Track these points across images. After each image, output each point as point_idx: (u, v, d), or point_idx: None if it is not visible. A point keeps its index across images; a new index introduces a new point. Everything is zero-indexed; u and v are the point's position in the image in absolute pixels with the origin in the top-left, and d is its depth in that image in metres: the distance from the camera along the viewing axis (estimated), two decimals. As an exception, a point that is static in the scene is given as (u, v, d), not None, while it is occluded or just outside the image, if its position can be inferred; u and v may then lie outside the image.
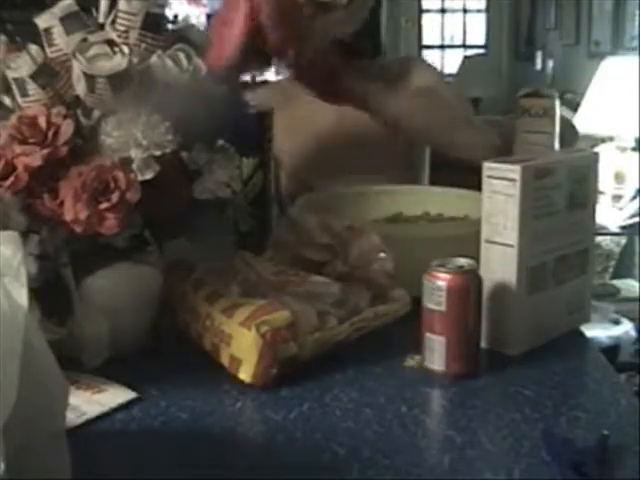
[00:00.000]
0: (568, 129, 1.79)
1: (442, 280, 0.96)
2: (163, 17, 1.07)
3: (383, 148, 1.69)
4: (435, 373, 0.97)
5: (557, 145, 1.48)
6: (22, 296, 0.67)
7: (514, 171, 0.99)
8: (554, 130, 1.46)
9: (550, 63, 5.34)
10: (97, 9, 1.06)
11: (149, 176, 0.98)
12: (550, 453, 0.79)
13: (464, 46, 7.02)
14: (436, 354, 0.97)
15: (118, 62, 0.98)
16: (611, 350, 2.68)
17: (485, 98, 5.11)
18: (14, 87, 1.02)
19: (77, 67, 0.98)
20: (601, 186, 2.86)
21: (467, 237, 1.06)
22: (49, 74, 1.02)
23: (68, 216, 0.94)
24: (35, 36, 1.03)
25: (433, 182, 1.79)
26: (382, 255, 1.08)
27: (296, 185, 1.70)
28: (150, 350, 1.03)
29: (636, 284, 3.20)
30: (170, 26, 1.09)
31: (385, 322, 1.03)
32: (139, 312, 1.03)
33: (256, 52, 1.37)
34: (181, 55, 1.04)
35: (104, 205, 0.94)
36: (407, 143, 1.72)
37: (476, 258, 1.01)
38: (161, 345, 1.05)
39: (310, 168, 1.71)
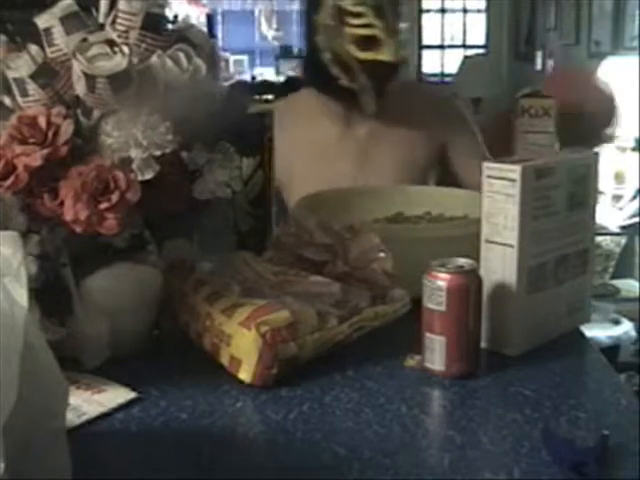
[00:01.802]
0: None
1: (442, 280, 0.96)
2: (163, 17, 1.07)
3: (384, 167, 1.69)
4: (435, 373, 0.97)
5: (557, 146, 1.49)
6: (22, 296, 0.67)
7: (514, 171, 0.99)
8: (554, 130, 1.46)
9: (550, 63, 5.34)
10: (97, 9, 1.06)
11: (149, 176, 0.98)
12: (550, 453, 0.79)
13: (464, 46, 7.02)
14: (436, 354, 0.97)
15: (118, 62, 0.98)
16: (611, 350, 2.68)
17: (485, 98, 5.11)
18: (14, 87, 1.02)
19: (77, 67, 0.98)
20: (601, 186, 2.85)
21: (467, 237, 1.06)
22: (49, 74, 1.02)
23: (68, 216, 0.94)
24: (35, 36, 1.03)
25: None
26: (381, 255, 1.08)
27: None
28: (150, 350, 1.03)
29: (636, 284, 3.20)
30: (170, 26, 1.09)
31: (385, 322, 1.03)
32: (139, 312, 1.03)
33: None
34: (181, 55, 1.04)
35: (104, 205, 0.94)
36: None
37: (476, 258, 1.01)
38: (161, 345, 1.05)
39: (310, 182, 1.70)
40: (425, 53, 6.95)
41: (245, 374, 0.94)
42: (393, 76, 1.61)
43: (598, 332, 2.67)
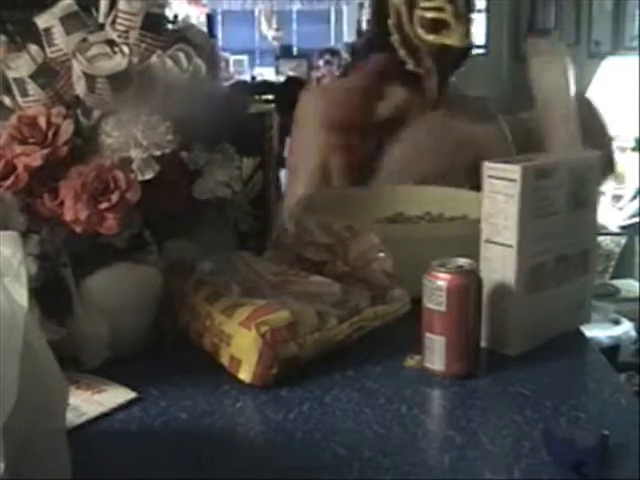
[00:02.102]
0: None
1: (442, 280, 0.96)
2: (163, 17, 1.07)
3: (429, 165, 1.67)
4: (435, 373, 0.97)
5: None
6: (22, 296, 0.67)
7: (514, 171, 0.99)
8: (566, 67, 1.46)
9: (550, 63, 5.33)
10: (97, 9, 1.06)
11: (149, 176, 0.98)
12: (550, 453, 0.79)
13: (464, 46, 7.01)
14: (436, 354, 0.96)
15: (118, 62, 0.98)
16: (611, 350, 2.68)
17: (485, 98, 5.10)
18: (14, 87, 1.02)
19: (77, 67, 0.98)
20: (601, 186, 2.85)
21: (467, 237, 1.06)
22: (49, 74, 1.02)
23: (68, 216, 0.94)
24: (35, 36, 1.03)
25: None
26: (381, 255, 1.08)
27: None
28: (150, 350, 1.03)
29: (636, 284, 3.20)
30: (170, 26, 1.09)
31: (385, 322, 1.03)
32: (139, 312, 1.03)
33: None
34: (181, 55, 1.04)
35: (104, 205, 0.94)
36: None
37: (476, 258, 1.01)
38: (161, 345, 1.05)
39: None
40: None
41: (245, 374, 0.94)
42: (459, 62, 1.63)
43: (598, 332, 2.67)
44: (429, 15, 1.52)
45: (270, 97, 5.05)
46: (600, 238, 3.15)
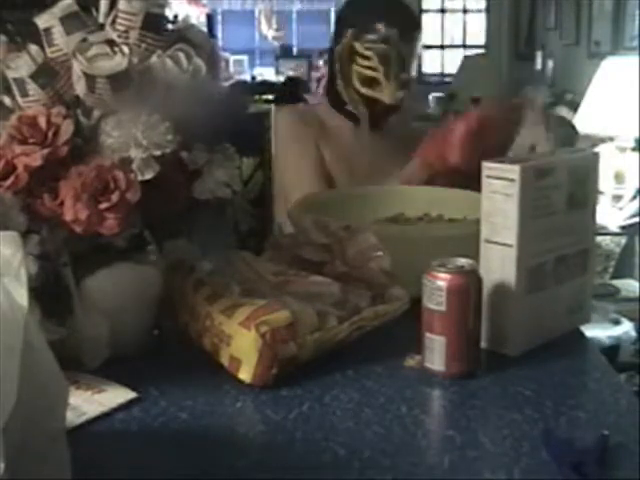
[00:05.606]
0: (567, 129, 1.82)
1: (442, 280, 0.96)
2: (163, 17, 1.07)
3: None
4: (435, 373, 0.97)
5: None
6: (22, 296, 0.67)
7: (513, 171, 0.99)
8: None
9: (550, 63, 5.35)
10: (97, 9, 1.06)
11: (149, 176, 0.98)
12: (550, 453, 0.79)
13: (464, 46, 7.04)
14: (436, 354, 0.97)
15: (118, 62, 0.98)
16: (611, 350, 2.67)
17: (485, 98, 5.11)
18: (14, 87, 1.02)
19: (77, 67, 0.98)
20: (601, 186, 2.86)
21: (467, 237, 1.06)
22: (49, 74, 1.01)
23: (68, 216, 0.94)
24: (35, 36, 1.03)
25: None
26: (378, 253, 1.08)
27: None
28: (150, 350, 1.03)
29: (636, 284, 3.19)
30: (170, 26, 1.09)
31: (385, 321, 1.03)
32: (139, 312, 1.03)
33: None
34: (181, 55, 1.04)
35: (104, 205, 0.94)
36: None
37: (476, 259, 1.01)
38: (161, 345, 1.05)
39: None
40: (425, 53, 6.95)
41: (245, 374, 0.94)
42: (389, 114, 1.79)
43: (598, 332, 2.66)
44: (363, 72, 1.68)
45: (270, 97, 5.06)
46: (600, 238, 3.15)
